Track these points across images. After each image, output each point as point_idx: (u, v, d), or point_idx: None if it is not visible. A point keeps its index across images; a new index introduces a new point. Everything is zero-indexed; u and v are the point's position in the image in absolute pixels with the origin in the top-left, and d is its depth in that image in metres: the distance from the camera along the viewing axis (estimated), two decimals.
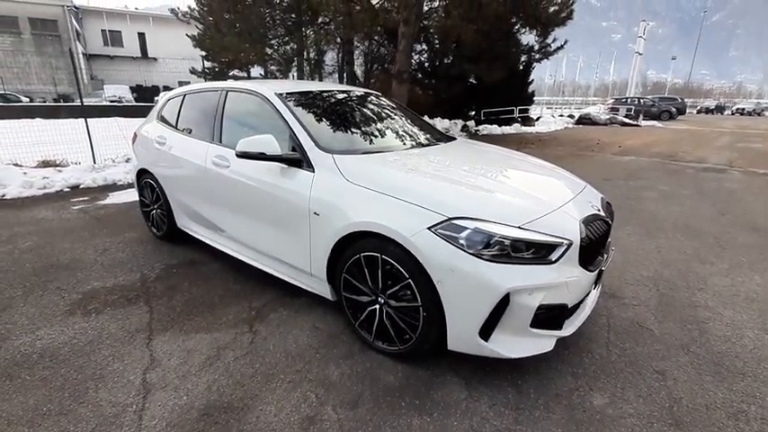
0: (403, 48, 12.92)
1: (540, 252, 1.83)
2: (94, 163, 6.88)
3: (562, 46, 12.87)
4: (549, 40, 12.83)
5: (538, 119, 21.34)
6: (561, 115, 25.30)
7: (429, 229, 1.83)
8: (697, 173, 7.83)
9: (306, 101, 2.87)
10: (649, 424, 1.73)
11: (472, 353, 1.88)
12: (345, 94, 3.27)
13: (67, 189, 5.85)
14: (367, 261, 2.07)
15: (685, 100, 34.79)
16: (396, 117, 3.25)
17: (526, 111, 19.47)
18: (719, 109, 43.10)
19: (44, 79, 27.36)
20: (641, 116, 23.36)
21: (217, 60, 18.41)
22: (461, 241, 1.78)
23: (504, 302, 1.75)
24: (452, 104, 17.71)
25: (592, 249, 2.00)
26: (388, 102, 3.50)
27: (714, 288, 3.01)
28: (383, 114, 3.19)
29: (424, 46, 17.99)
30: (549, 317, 1.88)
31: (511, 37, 13.66)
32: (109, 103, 21.52)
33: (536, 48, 13.39)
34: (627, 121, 21.98)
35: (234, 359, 2.13)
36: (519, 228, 1.82)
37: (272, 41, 14.94)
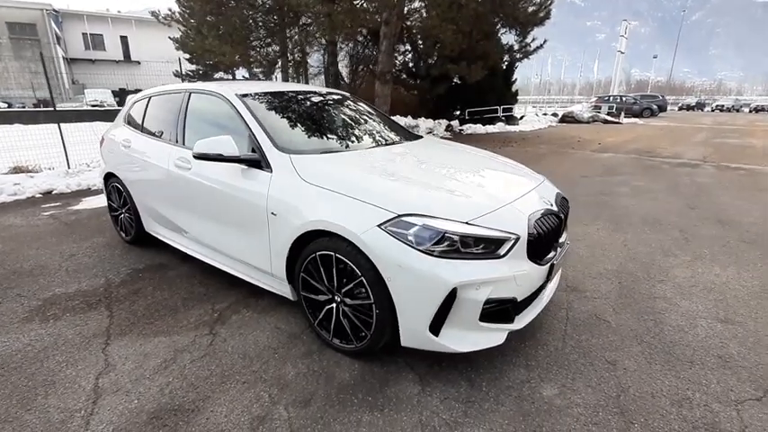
0: (385, 48, 12.97)
1: (489, 247, 1.86)
2: (69, 168, 6.77)
3: (542, 45, 13.03)
4: (528, 40, 12.97)
5: (522, 118, 21.55)
6: (545, 114, 25.58)
7: (379, 226, 1.85)
8: (672, 168, 7.99)
9: (268, 101, 2.86)
10: (595, 413, 1.77)
11: (424, 348, 1.90)
12: (311, 95, 3.26)
13: (39, 195, 5.75)
14: (323, 260, 2.07)
15: (668, 97, 35.47)
16: (362, 117, 3.26)
17: (510, 110, 19.67)
18: (700, 106, 44.03)
19: (23, 84, 26.84)
20: (623, 114, 23.76)
21: (201, 63, 18.27)
22: (410, 238, 1.80)
23: (451, 297, 1.77)
24: (437, 104, 17.84)
25: (542, 244, 2.03)
26: (355, 101, 3.51)
27: (674, 280, 3.07)
28: (348, 114, 3.20)
29: (408, 46, 18.09)
30: (498, 311, 1.90)
31: (492, 37, 13.79)
32: (91, 107, 21.16)
33: (516, 47, 13.52)
34: (609, 118, 22.32)
35: (190, 362, 2.12)
36: (467, 223, 1.84)
37: (254, 43, 14.87)
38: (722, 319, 2.52)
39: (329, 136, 2.81)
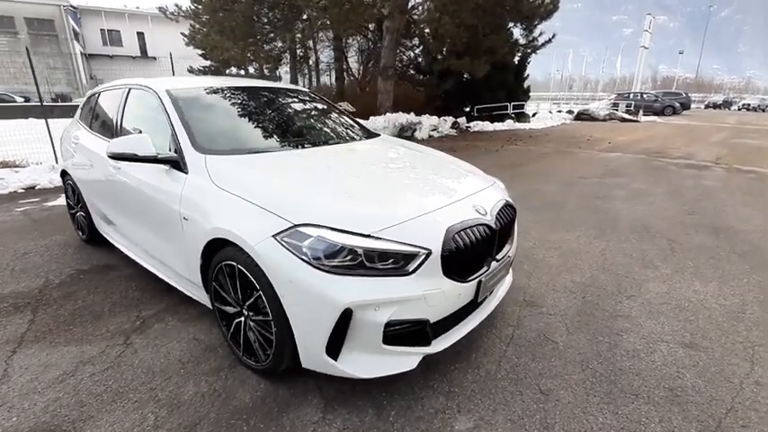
0: (388, 43, 12.75)
1: (398, 262, 1.66)
2: (56, 163, 6.79)
3: (550, 39, 12.54)
4: (536, 34, 12.50)
5: (534, 115, 20.96)
6: (559, 111, 24.85)
7: (274, 236, 1.67)
8: (679, 170, 7.55)
9: (203, 98, 2.72)
10: None
11: (324, 372, 1.72)
12: (256, 91, 3.08)
13: (22, 190, 5.77)
14: (228, 270, 1.91)
15: (695, 95, 34.07)
16: (310, 114, 3.08)
17: (521, 107, 19.12)
18: (727, 104, 42.12)
19: (41, 79, 27.55)
20: (641, 111, 22.87)
21: (214, 59, 18.34)
22: (305, 250, 1.62)
23: (345, 318, 1.58)
24: (445, 101, 17.41)
25: (465, 259, 1.82)
26: (310, 98, 3.32)
27: (646, 295, 2.80)
28: (294, 112, 3.02)
29: (417, 41, 17.73)
30: (410, 332, 1.71)
31: (500, 31, 13.35)
32: None
33: (522, 42, 13.05)
34: (626, 116, 21.50)
35: (90, 375, 1.99)
36: (369, 236, 1.64)
37: (258, 38, 14.80)
38: (686, 343, 2.26)
39: (260, 135, 2.63)
